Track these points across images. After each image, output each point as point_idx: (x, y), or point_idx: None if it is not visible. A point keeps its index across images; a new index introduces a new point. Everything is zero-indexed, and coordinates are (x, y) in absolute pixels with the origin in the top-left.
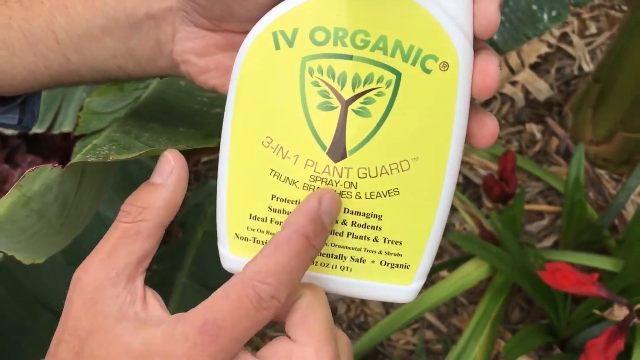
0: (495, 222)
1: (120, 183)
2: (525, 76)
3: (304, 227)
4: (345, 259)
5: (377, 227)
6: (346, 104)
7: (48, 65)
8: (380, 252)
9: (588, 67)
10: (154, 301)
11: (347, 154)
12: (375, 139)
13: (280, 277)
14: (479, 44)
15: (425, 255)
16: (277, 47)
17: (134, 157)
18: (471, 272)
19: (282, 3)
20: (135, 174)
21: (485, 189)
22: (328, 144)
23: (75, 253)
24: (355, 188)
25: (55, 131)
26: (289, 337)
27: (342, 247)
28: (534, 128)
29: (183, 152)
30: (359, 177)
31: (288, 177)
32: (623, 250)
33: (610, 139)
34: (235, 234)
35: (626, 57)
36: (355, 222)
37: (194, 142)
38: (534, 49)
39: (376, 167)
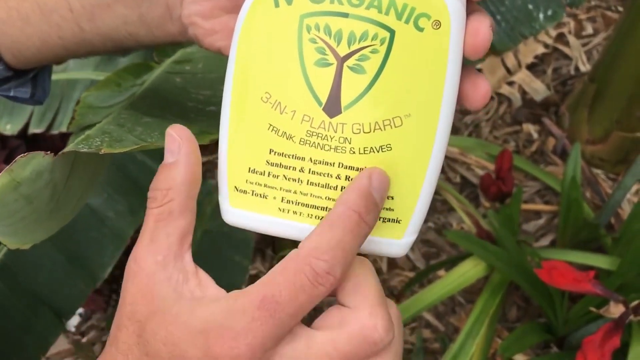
0: (492, 220)
1: (120, 182)
2: (522, 76)
3: (356, 203)
4: None
5: None
6: (342, 60)
7: (62, 35)
8: None
9: (584, 67)
10: (207, 278)
11: (342, 110)
12: (369, 95)
13: (335, 253)
14: (472, 7)
15: (417, 210)
16: (277, 5)
17: (125, 152)
18: (468, 270)
19: None
20: (134, 173)
21: (482, 188)
22: (324, 100)
23: (75, 252)
24: (350, 143)
25: (55, 131)
26: (342, 305)
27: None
28: (530, 128)
29: None
30: (353, 133)
31: (285, 132)
32: (619, 248)
33: (607, 139)
34: (235, 187)
35: (622, 57)
36: (349, 177)
37: None
38: (531, 50)
39: (370, 123)
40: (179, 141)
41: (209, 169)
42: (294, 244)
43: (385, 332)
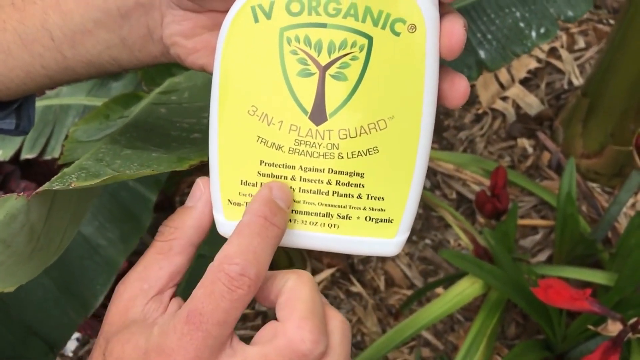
0: (488, 238)
1: (112, 210)
2: (516, 91)
3: (259, 209)
4: (332, 216)
5: (360, 184)
6: (323, 69)
7: (44, 64)
8: (364, 208)
9: (578, 81)
10: (174, 306)
11: (328, 117)
12: (353, 101)
13: (246, 255)
14: (445, 9)
15: (407, 209)
16: (257, 20)
17: (97, 184)
18: (466, 288)
19: None
20: (126, 202)
21: (477, 205)
22: (309, 109)
23: (66, 280)
24: (337, 149)
25: (47, 157)
26: (276, 320)
27: (329, 205)
28: (525, 143)
29: (168, 178)
30: (340, 138)
31: (274, 143)
32: (616, 263)
33: (601, 153)
34: (228, 199)
35: (614, 71)
36: (339, 181)
37: (165, 166)
38: (524, 65)
39: (355, 128)
40: (201, 190)
41: None
42: (290, 264)
43: (312, 343)
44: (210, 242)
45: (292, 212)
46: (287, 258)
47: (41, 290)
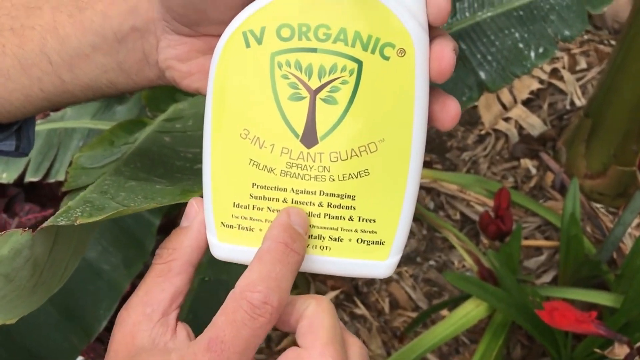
0: (492, 260)
1: (116, 235)
2: (518, 112)
3: (279, 235)
4: (324, 238)
5: (351, 206)
6: (314, 93)
7: (43, 87)
8: (356, 231)
9: (580, 101)
10: (183, 331)
11: (319, 140)
12: (344, 124)
13: (268, 283)
14: (435, 32)
15: (399, 231)
16: (248, 46)
17: (101, 220)
18: (471, 311)
19: (251, 4)
20: (131, 227)
21: (481, 227)
22: (300, 132)
23: (69, 305)
24: (329, 171)
25: (51, 179)
26: (298, 346)
27: (321, 227)
28: (528, 163)
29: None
30: (331, 161)
31: (266, 166)
32: (622, 285)
33: (605, 173)
34: (222, 222)
35: (616, 92)
36: (331, 204)
37: (169, 199)
38: (526, 85)
39: (346, 151)
40: (196, 210)
41: None
42: (294, 286)
43: None
44: (213, 265)
45: None
46: (294, 287)
47: (43, 314)
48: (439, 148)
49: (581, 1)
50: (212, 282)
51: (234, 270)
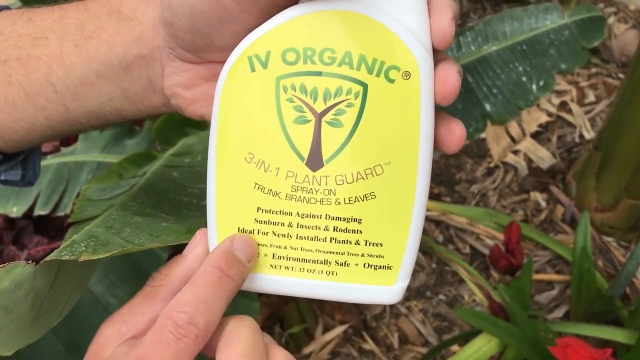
0: (503, 295)
1: (123, 268)
2: (527, 145)
3: (216, 260)
4: (330, 263)
5: (357, 230)
6: (319, 116)
7: (47, 115)
8: (362, 255)
9: (589, 134)
10: None
11: (324, 163)
12: (349, 147)
13: (197, 305)
14: (440, 56)
15: (407, 255)
16: (253, 70)
17: (105, 257)
18: (482, 346)
19: (256, 30)
20: (141, 261)
21: (491, 261)
22: (306, 155)
23: (75, 341)
24: (334, 195)
25: (60, 213)
26: None
27: (326, 252)
28: (538, 196)
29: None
30: (337, 184)
31: (271, 189)
32: (636, 321)
33: (616, 206)
34: None
35: (626, 125)
36: (337, 227)
37: (174, 237)
38: (534, 118)
39: (352, 173)
40: (197, 242)
41: None
42: (302, 320)
43: None
44: None
45: (289, 260)
46: (298, 313)
47: (48, 348)
48: (447, 181)
49: (576, 37)
50: None
51: None
